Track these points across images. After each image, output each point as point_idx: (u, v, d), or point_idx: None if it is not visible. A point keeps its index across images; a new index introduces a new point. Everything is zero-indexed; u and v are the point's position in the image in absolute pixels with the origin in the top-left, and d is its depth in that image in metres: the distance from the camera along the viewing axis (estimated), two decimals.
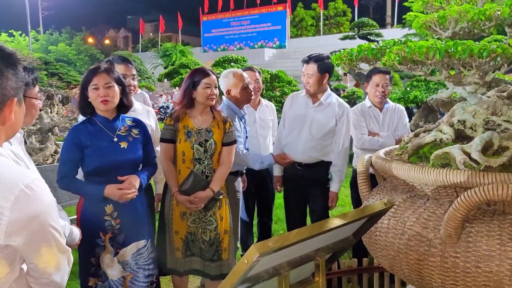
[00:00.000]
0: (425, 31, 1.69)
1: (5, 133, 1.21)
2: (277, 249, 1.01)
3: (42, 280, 1.22)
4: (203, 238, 2.81)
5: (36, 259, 1.18)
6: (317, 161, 3.31)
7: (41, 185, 1.13)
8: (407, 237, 1.62)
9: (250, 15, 32.48)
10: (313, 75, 3.24)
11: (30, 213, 1.08)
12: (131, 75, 2.88)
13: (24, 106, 1.25)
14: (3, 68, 1.12)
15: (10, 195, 1.05)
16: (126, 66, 2.86)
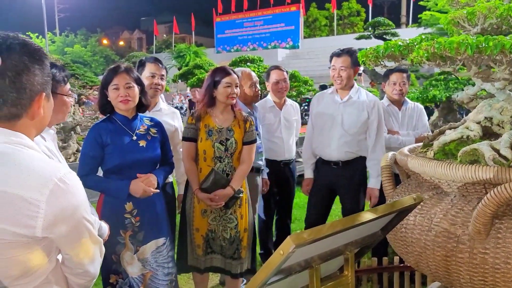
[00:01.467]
0: (451, 28, 1.69)
1: (35, 128, 1.24)
2: (312, 241, 1.03)
3: (76, 270, 1.26)
4: (223, 235, 2.83)
5: (71, 250, 1.21)
6: (354, 157, 3.29)
7: (73, 178, 1.16)
8: (434, 233, 1.62)
9: (263, 16, 32.49)
10: (346, 67, 3.21)
11: (64, 206, 1.11)
12: (159, 75, 2.93)
13: (52, 101, 1.28)
14: (30, 64, 1.14)
15: (44, 189, 1.08)
16: (156, 66, 2.91)
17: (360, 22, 39.41)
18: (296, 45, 30.68)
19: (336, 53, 3.29)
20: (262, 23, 32.12)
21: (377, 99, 3.32)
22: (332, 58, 3.30)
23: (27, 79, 1.14)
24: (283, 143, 3.71)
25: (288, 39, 30.94)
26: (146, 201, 2.35)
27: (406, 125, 3.52)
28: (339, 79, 3.23)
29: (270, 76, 3.71)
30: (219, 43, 33.92)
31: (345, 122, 3.25)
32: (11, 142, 1.15)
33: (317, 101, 3.45)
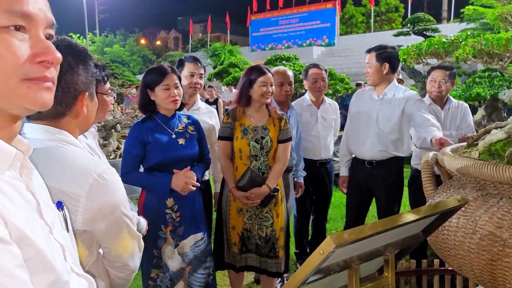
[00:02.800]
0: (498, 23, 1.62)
1: (79, 127, 1.28)
2: (352, 241, 1.01)
3: (115, 264, 1.30)
4: (259, 234, 2.85)
5: (110, 244, 1.25)
6: (389, 157, 3.23)
7: (113, 174, 1.20)
8: (479, 236, 1.56)
9: (298, 13, 32.27)
10: (372, 64, 3.17)
11: (103, 201, 1.15)
12: (198, 74, 2.99)
13: (96, 100, 1.33)
14: (74, 64, 1.18)
15: (84, 184, 1.12)
16: (195, 65, 2.97)
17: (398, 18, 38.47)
18: (331, 43, 30.30)
19: (367, 50, 3.26)
20: (297, 20, 31.91)
21: (414, 94, 3.18)
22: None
23: (72, 78, 1.18)
24: (319, 142, 3.69)
25: (323, 37, 30.59)
26: (186, 197, 2.43)
27: (449, 125, 3.42)
28: (367, 75, 3.21)
29: (308, 74, 3.68)
30: (254, 42, 33.98)
31: (379, 120, 3.20)
32: (55, 139, 1.20)
33: (355, 98, 3.42)
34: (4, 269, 0.59)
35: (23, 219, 0.67)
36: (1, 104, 0.70)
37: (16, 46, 0.67)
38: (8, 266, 0.59)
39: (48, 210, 0.81)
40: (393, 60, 3.14)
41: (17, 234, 0.64)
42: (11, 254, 0.61)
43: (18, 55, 0.68)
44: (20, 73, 0.68)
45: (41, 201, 0.78)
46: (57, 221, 0.84)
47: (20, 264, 0.62)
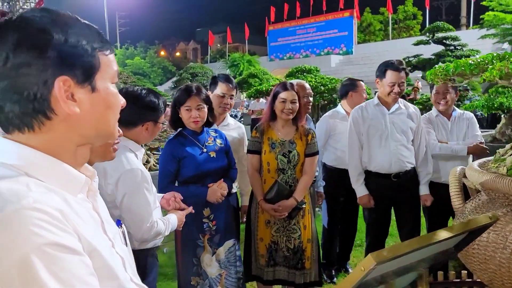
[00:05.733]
0: None
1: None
2: (392, 258, 1.08)
3: None
4: (287, 246, 2.91)
5: None
6: (411, 167, 3.29)
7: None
8: (509, 251, 1.61)
9: (316, 23, 32.42)
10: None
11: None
12: (229, 95, 3.09)
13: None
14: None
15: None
16: (227, 86, 3.07)
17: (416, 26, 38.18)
18: (349, 51, 30.28)
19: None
20: (314, 30, 32.05)
21: (418, 110, 3.40)
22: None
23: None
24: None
25: (341, 45, 30.62)
26: (220, 206, 2.61)
27: (455, 135, 3.45)
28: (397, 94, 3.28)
29: (358, 86, 3.85)
30: (272, 51, 34.22)
31: (398, 133, 3.24)
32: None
33: (360, 113, 3.36)
34: (79, 276, 0.70)
35: (92, 234, 0.79)
36: (96, 139, 0.87)
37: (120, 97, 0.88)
38: (82, 274, 0.71)
39: (109, 227, 0.92)
40: (379, 75, 3.36)
41: (88, 247, 0.76)
42: (84, 264, 0.72)
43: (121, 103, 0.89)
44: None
45: (104, 219, 0.91)
46: (117, 237, 0.95)
47: (91, 272, 0.73)
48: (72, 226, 0.73)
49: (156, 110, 2.05)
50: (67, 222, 0.73)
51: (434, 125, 3.47)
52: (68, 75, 0.77)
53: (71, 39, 0.77)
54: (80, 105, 0.79)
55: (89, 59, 0.80)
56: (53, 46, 0.75)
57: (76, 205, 0.79)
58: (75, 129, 0.81)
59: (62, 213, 0.73)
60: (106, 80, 0.85)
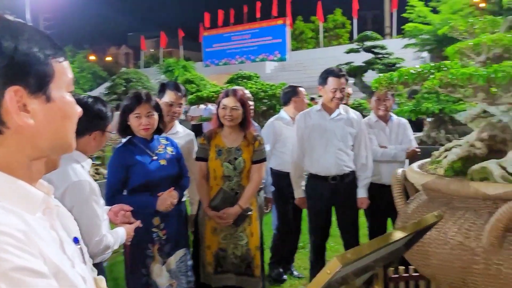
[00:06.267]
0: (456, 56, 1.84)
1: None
2: (355, 260, 1.13)
3: None
4: (235, 253, 2.92)
5: None
6: (349, 170, 3.44)
7: None
8: (450, 246, 1.74)
9: (250, 30, 32.83)
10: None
11: None
12: (178, 104, 3.05)
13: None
14: None
15: None
16: (176, 95, 3.04)
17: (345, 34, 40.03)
18: (283, 58, 31.01)
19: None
20: (249, 36, 32.45)
21: (360, 115, 3.57)
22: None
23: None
24: None
25: (275, 52, 31.26)
26: (171, 215, 2.56)
27: (394, 139, 3.70)
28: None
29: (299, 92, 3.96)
30: (207, 57, 34.13)
31: (339, 138, 3.40)
32: None
33: (304, 118, 3.52)
34: None
35: (55, 255, 0.75)
36: (53, 152, 0.82)
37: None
38: None
39: (68, 246, 0.88)
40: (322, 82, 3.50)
41: (54, 269, 0.72)
42: (52, 287, 0.69)
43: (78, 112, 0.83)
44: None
45: (63, 238, 0.85)
46: (76, 255, 0.91)
47: None
48: (36, 248, 0.69)
49: (104, 118, 1.98)
50: (31, 244, 0.69)
51: (374, 129, 3.67)
52: (19, 84, 0.72)
53: (22, 46, 0.72)
54: (34, 116, 0.75)
55: (42, 67, 0.75)
56: (2, 54, 0.70)
57: (35, 225, 0.74)
58: (30, 142, 0.76)
59: (26, 234, 0.69)
60: (62, 88, 0.80)
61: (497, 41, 1.60)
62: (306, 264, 4.00)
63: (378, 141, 3.65)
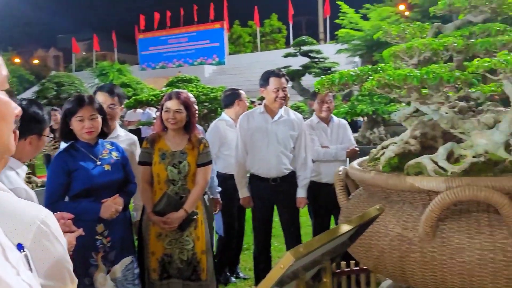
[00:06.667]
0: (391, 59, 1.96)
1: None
2: (307, 253, 1.17)
3: None
4: (180, 258, 2.89)
5: None
6: (289, 172, 3.52)
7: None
8: (390, 238, 1.85)
9: (187, 33, 32.57)
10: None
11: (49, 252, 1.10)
12: (108, 105, 2.97)
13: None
14: None
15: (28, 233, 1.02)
16: (105, 96, 2.99)
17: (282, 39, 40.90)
18: (222, 61, 31.07)
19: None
20: (186, 40, 32.16)
21: (302, 118, 3.68)
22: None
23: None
24: None
25: (214, 56, 31.25)
26: (116, 221, 2.49)
27: (334, 139, 3.87)
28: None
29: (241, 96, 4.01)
30: (143, 60, 33.34)
31: (280, 140, 3.49)
32: None
33: (246, 119, 3.58)
34: None
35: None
36: None
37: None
38: None
39: (11, 253, 0.83)
40: (264, 84, 3.57)
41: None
42: None
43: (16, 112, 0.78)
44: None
45: (4, 245, 0.81)
46: (21, 263, 0.86)
47: None
48: None
49: (41, 122, 1.88)
50: None
51: (316, 130, 3.81)
52: None
53: None
54: None
55: None
56: None
57: None
58: None
59: None
60: None
61: (427, 45, 1.74)
62: (251, 265, 4.03)
63: (320, 142, 3.79)
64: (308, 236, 4.96)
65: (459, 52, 1.94)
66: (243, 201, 3.64)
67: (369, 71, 1.83)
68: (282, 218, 3.67)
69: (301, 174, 3.61)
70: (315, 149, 3.72)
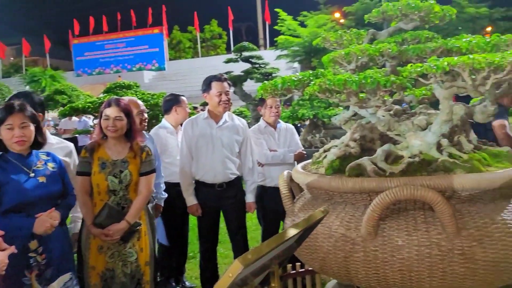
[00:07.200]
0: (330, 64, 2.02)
1: None
2: (255, 260, 1.16)
3: None
4: (124, 271, 2.78)
5: None
6: (235, 177, 3.51)
7: None
8: (334, 239, 1.89)
9: (125, 38, 31.78)
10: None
11: None
12: None
13: None
14: None
15: None
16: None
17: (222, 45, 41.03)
18: (162, 67, 30.60)
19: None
20: (124, 45, 31.34)
21: (246, 123, 3.71)
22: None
23: None
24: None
25: (153, 61, 30.71)
26: (52, 237, 2.34)
27: (282, 143, 3.93)
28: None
29: (182, 101, 3.92)
30: (79, 66, 32.03)
31: (225, 145, 3.49)
32: None
33: (191, 125, 3.55)
34: None
35: None
36: None
37: None
38: None
39: None
40: (205, 89, 3.58)
41: None
42: None
43: None
44: None
45: None
46: None
47: None
48: None
49: None
50: None
51: (263, 135, 3.84)
52: None
53: None
54: None
55: None
56: None
57: None
58: None
59: None
60: None
61: (364, 51, 1.81)
62: (197, 274, 3.97)
63: (268, 146, 3.83)
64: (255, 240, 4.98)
65: (393, 57, 2.04)
66: (191, 209, 3.56)
67: (310, 76, 1.87)
68: (229, 224, 3.65)
69: (249, 179, 3.63)
70: (263, 153, 3.74)
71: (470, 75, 1.63)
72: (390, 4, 2.07)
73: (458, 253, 1.70)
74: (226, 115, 3.57)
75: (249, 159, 3.63)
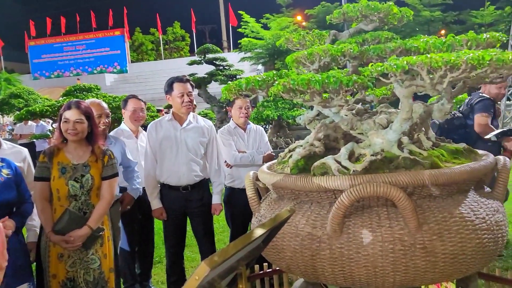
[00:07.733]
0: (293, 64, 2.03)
1: None
2: (222, 262, 1.15)
3: None
4: (86, 279, 2.71)
5: None
6: (200, 179, 3.48)
7: None
8: (301, 238, 1.90)
9: (85, 40, 30.96)
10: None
11: None
12: None
13: None
14: None
15: None
16: None
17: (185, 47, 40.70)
18: (124, 69, 30.00)
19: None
20: (84, 47, 30.52)
21: (212, 124, 3.71)
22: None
23: None
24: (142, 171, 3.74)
25: (115, 63, 30.06)
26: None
27: (251, 145, 3.94)
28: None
29: (127, 104, 3.80)
30: (36, 69, 30.90)
31: (190, 147, 3.46)
32: None
33: (155, 128, 3.52)
34: None
35: None
36: None
37: None
38: None
39: None
40: (168, 91, 3.55)
41: None
42: None
43: None
44: None
45: None
46: None
47: None
48: None
49: None
50: None
51: (233, 136, 3.83)
52: None
53: None
54: None
55: None
56: None
57: None
58: None
59: None
60: None
61: (327, 51, 1.83)
62: (164, 278, 3.91)
63: (237, 147, 3.83)
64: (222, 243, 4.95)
65: (355, 57, 2.08)
66: (156, 213, 3.54)
67: (274, 77, 1.88)
68: (195, 227, 3.62)
69: (216, 180, 3.61)
70: (232, 154, 3.74)
71: (428, 74, 1.69)
72: (351, 5, 2.11)
73: (420, 247, 1.75)
74: (190, 117, 3.54)
75: (215, 161, 3.61)
